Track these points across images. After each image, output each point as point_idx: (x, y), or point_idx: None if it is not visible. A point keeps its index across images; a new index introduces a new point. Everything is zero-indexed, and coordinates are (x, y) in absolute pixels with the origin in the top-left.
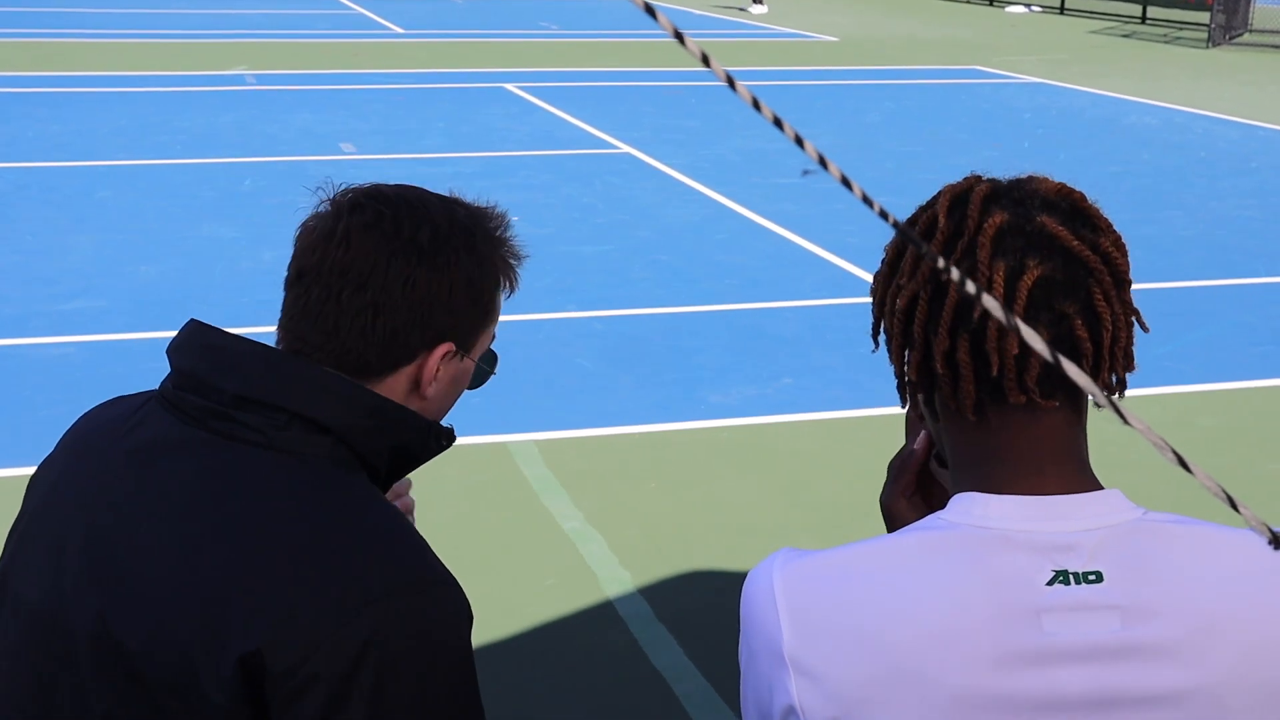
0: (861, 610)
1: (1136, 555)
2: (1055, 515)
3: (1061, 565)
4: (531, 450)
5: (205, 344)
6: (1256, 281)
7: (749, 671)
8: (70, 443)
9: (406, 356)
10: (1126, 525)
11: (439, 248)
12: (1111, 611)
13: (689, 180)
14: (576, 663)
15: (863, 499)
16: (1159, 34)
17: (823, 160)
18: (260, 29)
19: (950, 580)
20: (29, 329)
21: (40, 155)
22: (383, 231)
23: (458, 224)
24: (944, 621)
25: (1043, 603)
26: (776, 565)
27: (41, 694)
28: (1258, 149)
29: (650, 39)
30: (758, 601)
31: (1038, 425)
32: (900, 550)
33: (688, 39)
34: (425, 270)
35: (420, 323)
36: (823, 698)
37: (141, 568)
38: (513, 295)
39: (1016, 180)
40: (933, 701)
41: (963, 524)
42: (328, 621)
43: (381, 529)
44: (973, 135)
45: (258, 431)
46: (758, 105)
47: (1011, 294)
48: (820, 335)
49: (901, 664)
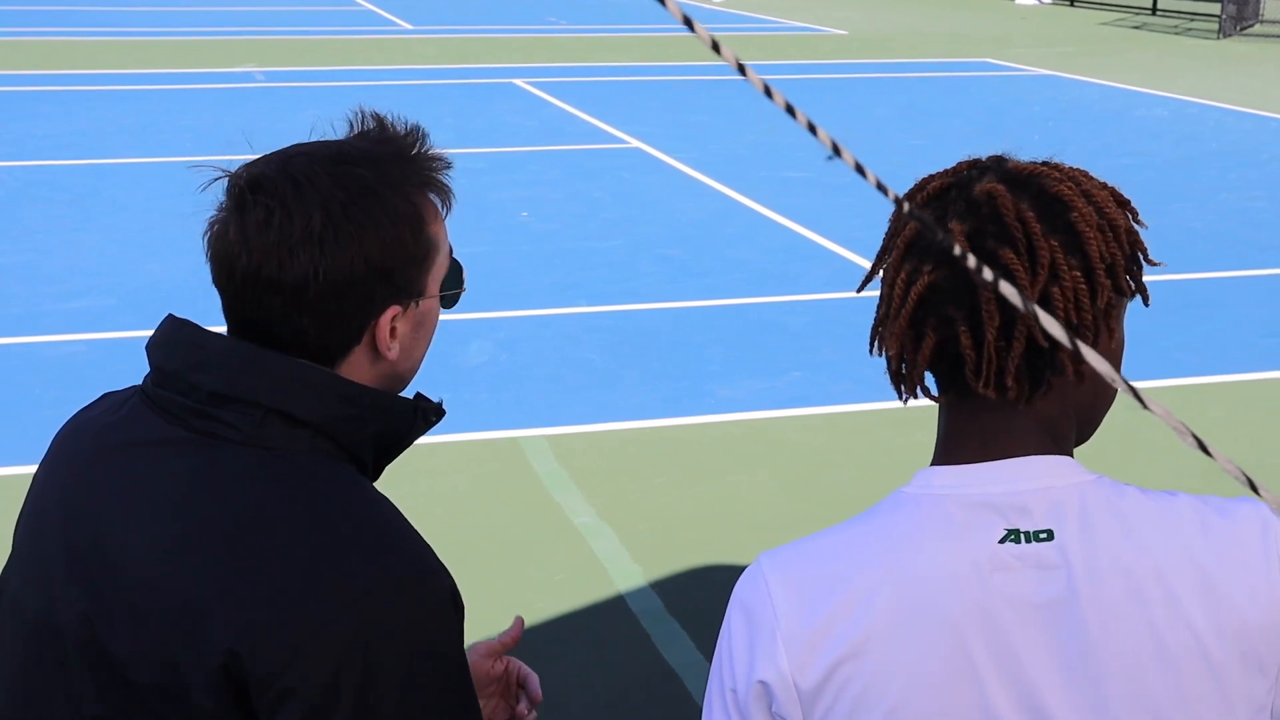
0: (849, 582)
1: (1087, 515)
2: (1006, 478)
3: (1014, 524)
4: (542, 445)
5: (182, 340)
6: (1266, 273)
7: (727, 656)
8: (59, 444)
9: (352, 337)
10: (1077, 486)
11: (338, 227)
12: (1057, 570)
13: (697, 174)
14: (588, 658)
15: (871, 492)
16: (1169, 25)
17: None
18: (269, 26)
19: (915, 543)
20: (36, 327)
21: (48, 154)
22: (276, 228)
23: (354, 185)
24: (919, 580)
25: (994, 560)
26: (764, 561)
27: (34, 697)
28: (1269, 140)
29: (659, 33)
30: (748, 594)
31: (1030, 408)
32: (871, 526)
33: (699, 27)
34: (330, 257)
35: (348, 306)
36: (820, 662)
37: (124, 571)
38: (453, 204)
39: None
40: (920, 650)
41: (921, 493)
42: (310, 623)
43: (364, 522)
44: (982, 128)
45: (236, 429)
46: (769, 92)
47: (904, 299)
48: (829, 329)
49: (889, 622)
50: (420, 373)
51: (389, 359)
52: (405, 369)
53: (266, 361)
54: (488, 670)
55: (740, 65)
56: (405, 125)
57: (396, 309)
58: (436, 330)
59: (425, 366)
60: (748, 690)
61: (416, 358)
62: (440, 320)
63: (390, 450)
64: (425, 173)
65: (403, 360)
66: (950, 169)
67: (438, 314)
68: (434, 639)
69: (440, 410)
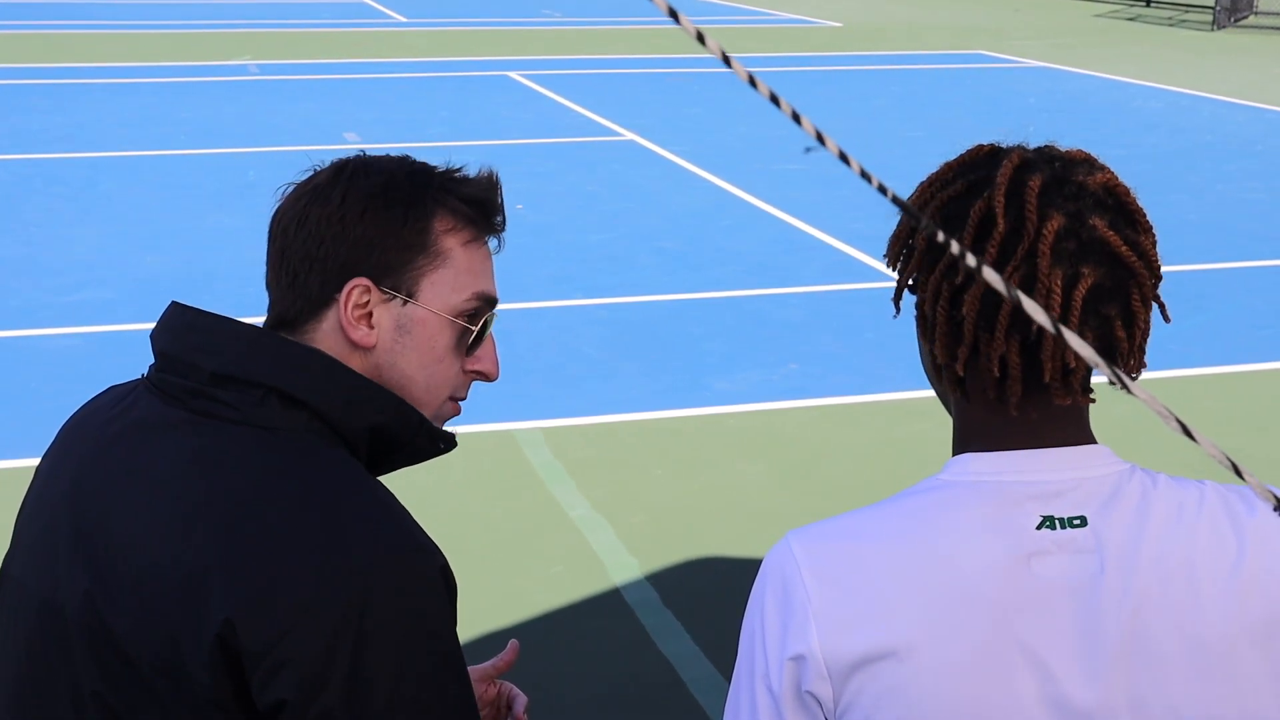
0: (881, 562)
1: (1120, 503)
2: (1042, 467)
3: (1049, 510)
4: (538, 438)
5: (185, 324)
6: (1262, 264)
7: (759, 636)
8: (65, 432)
9: (319, 299)
10: (1113, 475)
11: (334, 181)
12: (1091, 555)
13: (693, 167)
14: (584, 650)
15: (869, 483)
16: (1164, 17)
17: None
18: (263, 18)
19: (955, 528)
20: (34, 320)
21: (44, 147)
22: (304, 184)
23: (374, 164)
24: (956, 565)
25: (1032, 545)
26: (793, 538)
27: (37, 679)
28: (1264, 131)
29: (653, 25)
30: (778, 571)
31: (1058, 408)
32: (908, 508)
33: (684, 18)
34: (318, 206)
35: (317, 258)
36: (853, 640)
37: (126, 549)
38: (500, 245)
39: (1063, 164)
40: (956, 635)
41: (959, 480)
42: (305, 596)
43: (359, 500)
44: (978, 120)
45: (235, 408)
46: (754, 82)
47: (1068, 303)
48: (825, 321)
49: (926, 607)
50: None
51: (360, 344)
52: (391, 376)
53: (269, 343)
54: (481, 694)
55: (725, 56)
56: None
57: (364, 282)
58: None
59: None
60: (780, 668)
61: (404, 367)
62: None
63: (389, 453)
64: (456, 183)
65: (383, 355)
66: (1007, 162)
67: (439, 333)
68: (427, 615)
69: (450, 440)
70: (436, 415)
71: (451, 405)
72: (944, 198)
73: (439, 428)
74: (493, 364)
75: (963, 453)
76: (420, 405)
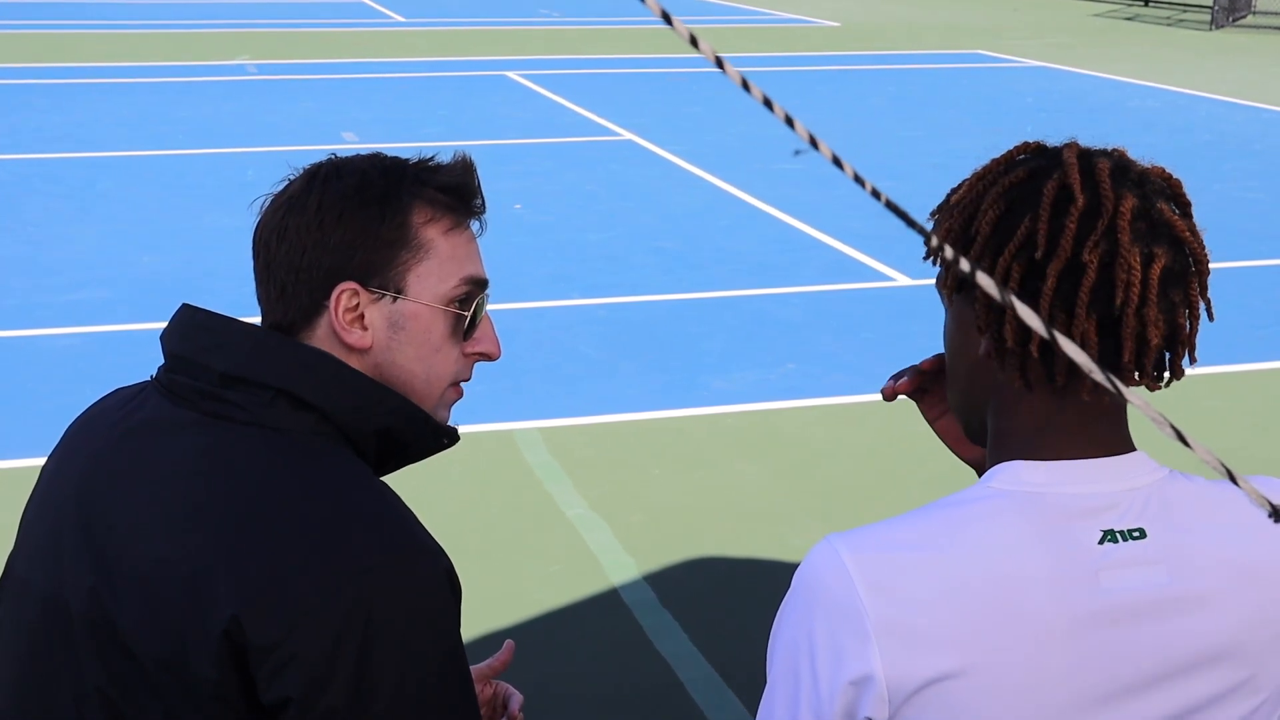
0: (938, 576)
1: (1171, 511)
2: (1096, 478)
3: (1108, 525)
4: (535, 437)
5: (196, 325)
6: (1261, 264)
7: (806, 657)
8: (71, 432)
9: (310, 308)
10: (1157, 483)
11: (308, 188)
12: (1158, 565)
13: (691, 166)
14: (581, 649)
15: (867, 484)
16: (1162, 16)
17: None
18: (262, 18)
19: (1014, 542)
20: (33, 320)
21: (43, 147)
22: (280, 194)
23: (346, 166)
24: (1019, 582)
25: (1098, 561)
26: (839, 545)
27: (40, 675)
28: (1262, 131)
29: (651, 25)
30: (827, 582)
31: (1105, 399)
32: (961, 517)
33: (677, 21)
34: (295, 216)
35: (302, 268)
36: (917, 662)
37: (132, 546)
38: (483, 227)
39: (1119, 154)
40: (1021, 654)
41: (1014, 490)
42: (312, 593)
43: (366, 501)
44: (975, 120)
45: (244, 409)
46: (747, 86)
47: (1146, 280)
48: (824, 321)
49: (990, 625)
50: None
51: (356, 347)
52: (391, 374)
53: (280, 346)
54: (478, 694)
55: (718, 60)
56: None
57: (351, 285)
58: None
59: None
60: (834, 692)
61: (404, 363)
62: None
63: (395, 455)
64: (432, 176)
65: (381, 354)
66: (1072, 161)
67: (433, 324)
68: (432, 615)
69: (454, 434)
70: (440, 403)
71: (454, 390)
72: (1007, 183)
73: (444, 425)
74: (493, 343)
75: (1004, 457)
76: (424, 397)
